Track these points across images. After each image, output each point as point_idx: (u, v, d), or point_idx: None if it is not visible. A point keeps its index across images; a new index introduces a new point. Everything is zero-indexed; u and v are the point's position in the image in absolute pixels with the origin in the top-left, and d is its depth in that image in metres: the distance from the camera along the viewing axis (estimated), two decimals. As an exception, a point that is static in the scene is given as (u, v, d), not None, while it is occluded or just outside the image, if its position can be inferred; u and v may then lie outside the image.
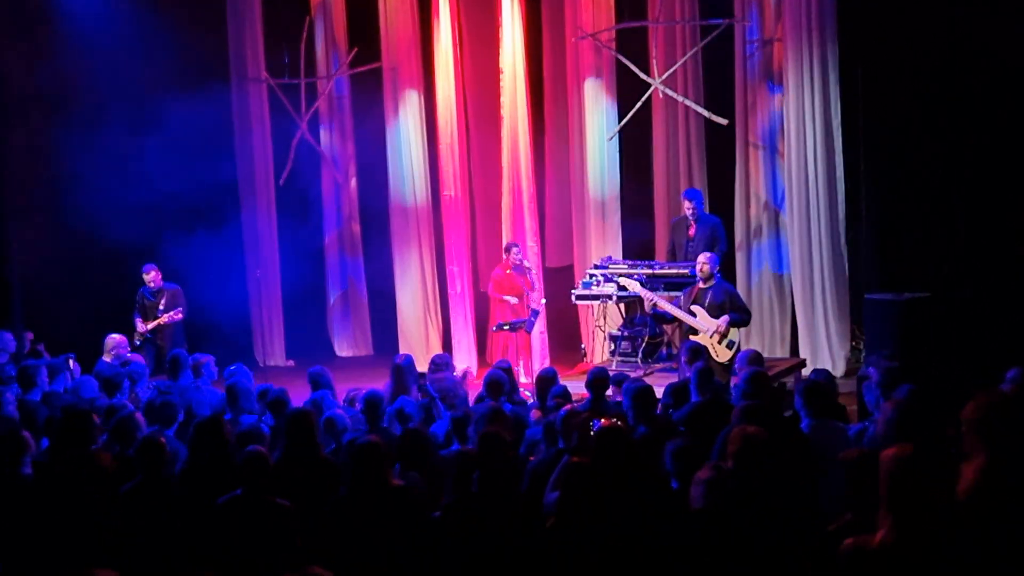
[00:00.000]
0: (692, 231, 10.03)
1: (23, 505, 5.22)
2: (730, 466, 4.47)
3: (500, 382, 7.06)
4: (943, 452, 3.91)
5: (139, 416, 6.36)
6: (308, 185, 12.74)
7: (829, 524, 4.27)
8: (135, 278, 10.69)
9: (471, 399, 7.51)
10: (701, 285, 8.88)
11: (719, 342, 8.64)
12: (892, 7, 9.89)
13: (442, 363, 7.98)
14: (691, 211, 10.02)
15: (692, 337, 8.51)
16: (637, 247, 11.14)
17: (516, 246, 10.69)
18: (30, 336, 10.05)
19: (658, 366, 9.69)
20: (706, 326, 8.69)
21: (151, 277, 10.46)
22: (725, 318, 8.66)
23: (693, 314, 8.80)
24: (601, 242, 11.11)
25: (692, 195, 10.12)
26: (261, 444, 5.44)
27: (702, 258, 8.93)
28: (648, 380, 7.24)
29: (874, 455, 3.75)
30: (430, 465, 5.56)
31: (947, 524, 3.43)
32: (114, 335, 9.15)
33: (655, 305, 9.27)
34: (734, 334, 8.75)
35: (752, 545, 4.06)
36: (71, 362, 8.45)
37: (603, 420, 5.12)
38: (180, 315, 10.37)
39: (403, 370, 7.82)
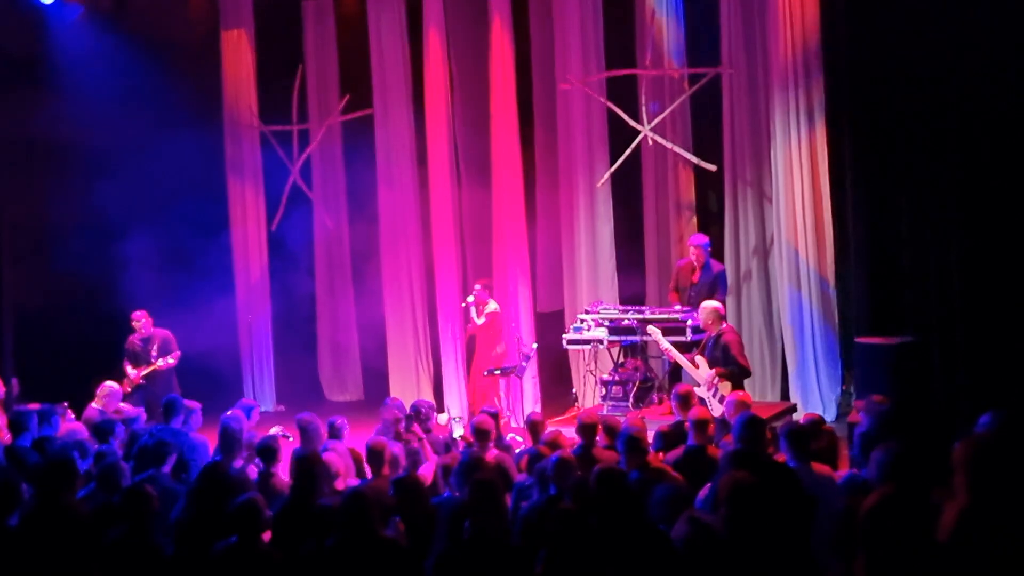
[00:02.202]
0: (696, 277, 10.06)
1: (8, 556, 5.16)
2: (723, 512, 4.46)
3: (487, 428, 7.05)
4: (925, 496, 3.92)
5: (124, 464, 6.31)
6: (300, 230, 12.80)
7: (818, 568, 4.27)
8: (127, 324, 10.66)
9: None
10: (710, 333, 8.86)
11: (713, 396, 8.62)
12: (877, 53, 10.04)
13: (426, 409, 7.98)
14: (696, 257, 10.06)
15: (696, 389, 8.46)
16: (628, 291, 11.18)
17: (477, 285, 10.87)
18: (14, 381, 10.01)
19: (649, 410, 9.68)
20: (703, 378, 8.70)
21: (141, 324, 10.42)
22: (712, 372, 8.67)
23: (697, 365, 8.79)
24: (592, 287, 11.15)
25: (699, 241, 10.17)
26: (250, 490, 5.42)
27: (705, 305, 8.91)
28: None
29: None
30: (422, 512, 5.54)
31: (924, 567, 3.44)
32: (108, 383, 9.12)
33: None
34: (726, 388, 8.67)
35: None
36: (67, 411, 8.41)
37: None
38: (173, 361, 10.34)
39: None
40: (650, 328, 9.48)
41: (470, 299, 10.74)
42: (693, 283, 10.03)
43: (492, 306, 10.83)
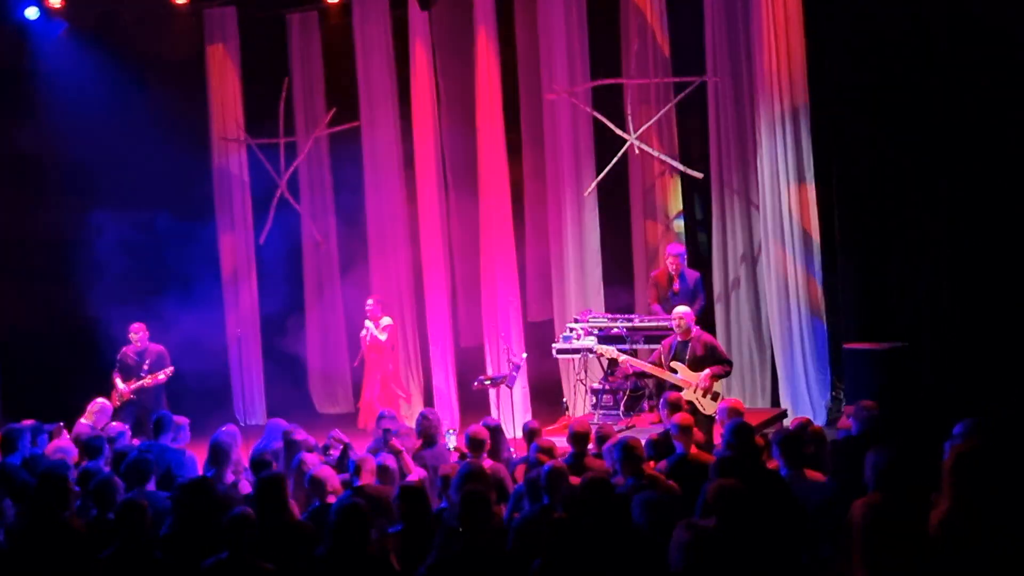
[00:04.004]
0: (676, 285, 10.12)
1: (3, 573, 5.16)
2: (713, 521, 4.46)
3: (481, 439, 7.05)
4: (916, 500, 3.95)
5: (117, 480, 6.29)
6: (288, 243, 12.79)
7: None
8: (115, 341, 10.62)
9: None
10: (679, 338, 8.91)
11: (704, 396, 8.65)
12: (860, 61, 10.10)
13: (435, 420, 7.97)
14: (674, 266, 10.12)
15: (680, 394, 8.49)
16: (616, 300, 11.20)
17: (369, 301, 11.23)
18: None
19: (640, 418, 9.69)
20: (690, 381, 8.71)
21: (138, 336, 10.38)
22: (707, 372, 8.68)
23: (674, 371, 8.81)
24: (581, 296, 11.16)
25: (676, 251, 10.22)
26: (237, 505, 5.40)
27: (679, 311, 8.97)
28: (630, 433, 7.25)
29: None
30: (426, 521, 5.55)
31: (919, 569, 3.47)
32: (100, 399, 9.09)
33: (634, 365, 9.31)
34: (719, 386, 8.75)
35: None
36: (62, 431, 8.38)
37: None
38: (164, 377, 10.31)
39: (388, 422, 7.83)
40: (599, 347, 9.51)
41: (368, 324, 11.14)
42: (674, 292, 10.10)
43: (386, 320, 11.18)
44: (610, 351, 9.42)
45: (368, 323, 11.21)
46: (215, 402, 11.99)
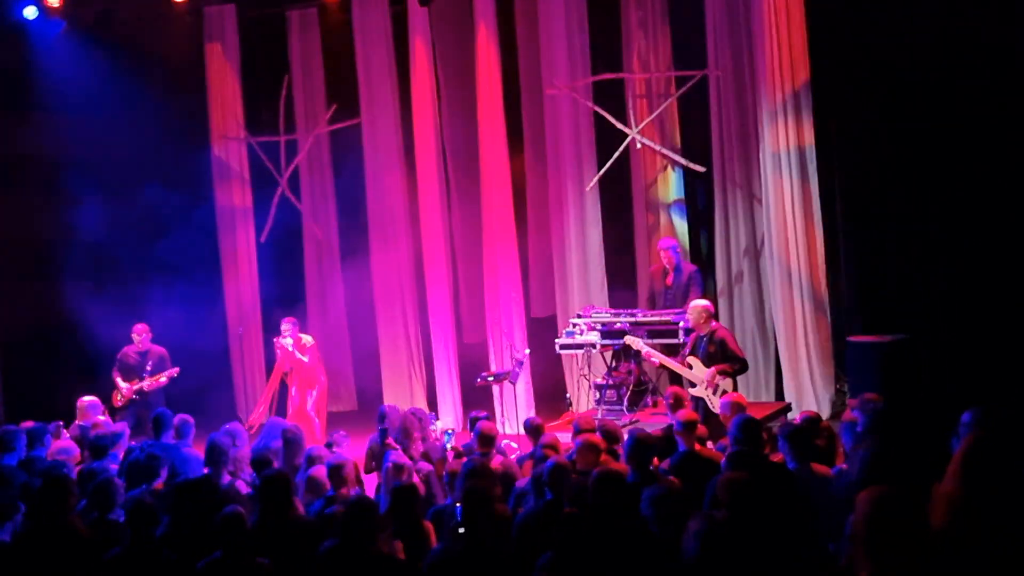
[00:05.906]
0: (669, 280, 10.09)
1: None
2: (724, 514, 4.43)
3: (492, 434, 7.03)
4: (921, 492, 3.92)
5: (118, 481, 6.26)
6: (289, 241, 12.76)
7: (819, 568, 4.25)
8: (114, 339, 10.60)
9: None
10: (700, 333, 8.85)
11: (713, 393, 8.61)
12: (863, 55, 10.07)
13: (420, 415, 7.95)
14: (667, 260, 10.09)
15: (690, 390, 8.46)
16: (619, 295, 11.16)
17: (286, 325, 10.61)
18: None
19: (644, 414, 9.66)
20: (700, 377, 8.68)
21: (141, 337, 10.38)
22: (712, 370, 8.65)
23: (690, 366, 8.77)
24: (584, 291, 11.13)
25: (667, 245, 10.19)
26: (238, 504, 5.37)
27: (697, 304, 8.89)
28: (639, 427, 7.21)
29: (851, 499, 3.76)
30: (419, 521, 5.51)
31: (925, 562, 3.43)
32: (86, 397, 9.08)
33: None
34: (728, 384, 8.68)
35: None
36: (61, 430, 8.36)
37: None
38: (166, 379, 10.30)
39: (389, 418, 7.81)
40: (628, 338, 9.46)
41: (288, 342, 10.50)
42: (667, 286, 10.09)
43: (307, 339, 10.74)
44: (636, 342, 9.34)
45: (285, 342, 10.58)
46: (217, 400, 11.97)
